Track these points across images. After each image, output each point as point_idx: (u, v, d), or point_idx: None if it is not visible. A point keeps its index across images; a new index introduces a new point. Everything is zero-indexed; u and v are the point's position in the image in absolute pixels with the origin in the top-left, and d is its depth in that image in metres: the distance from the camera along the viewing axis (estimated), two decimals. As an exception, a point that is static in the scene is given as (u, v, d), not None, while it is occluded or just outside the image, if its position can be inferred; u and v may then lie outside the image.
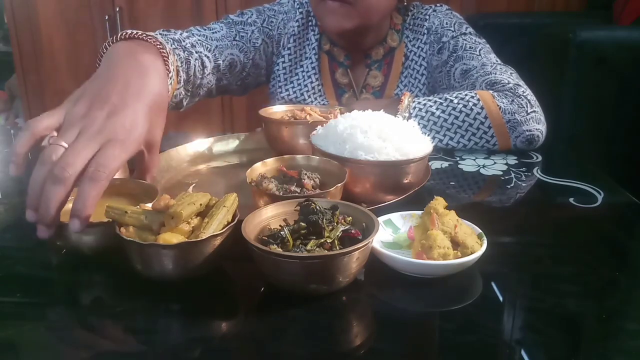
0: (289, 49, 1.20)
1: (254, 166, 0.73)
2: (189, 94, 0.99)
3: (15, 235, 0.71)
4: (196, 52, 0.99)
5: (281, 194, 0.67)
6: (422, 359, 0.50)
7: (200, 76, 1.00)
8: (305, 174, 0.71)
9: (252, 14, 1.18)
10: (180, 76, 0.92)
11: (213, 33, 1.09)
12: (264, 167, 0.74)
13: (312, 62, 1.20)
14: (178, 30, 1.03)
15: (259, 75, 1.22)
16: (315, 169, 0.73)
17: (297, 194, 0.66)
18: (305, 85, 1.21)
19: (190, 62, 0.96)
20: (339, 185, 0.67)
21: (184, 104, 1.01)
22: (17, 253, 0.67)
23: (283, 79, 1.22)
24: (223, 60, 1.08)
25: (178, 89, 0.92)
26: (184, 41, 0.99)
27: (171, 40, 0.94)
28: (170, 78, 0.80)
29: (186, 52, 0.96)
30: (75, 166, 0.57)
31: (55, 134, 0.62)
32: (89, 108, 0.62)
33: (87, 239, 0.61)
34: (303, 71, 1.21)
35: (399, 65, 1.19)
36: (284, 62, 1.21)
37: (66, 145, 0.59)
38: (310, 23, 1.21)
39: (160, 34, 0.96)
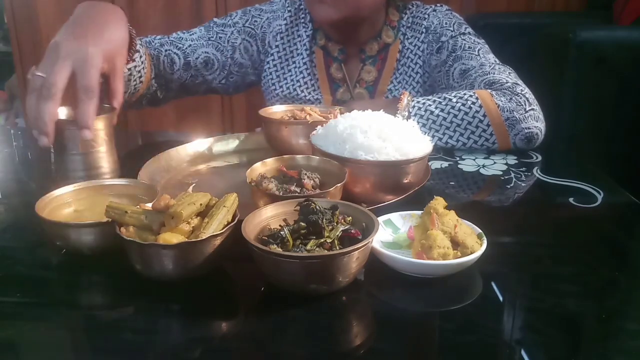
0: (277, 46, 1.23)
1: (254, 166, 0.73)
2: (163, 88, 1.14)
3: (15, 235, 0.71)
4: (165, 50, 1.12)
5: (281, 194, 0.67)
6: (422, 359, 0.50)
7: (170, 71, 1.13)
8: (305, 174, 0.71)
9: (237, 15, 1.23)
10: (152, 70, 1.05)
11: (190, 35, 1.19)
12: (264, 167, 0.74)
13: (303, 58, 1.22)
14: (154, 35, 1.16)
15: (246, 74, 1.26)
16: (315, 169, 0.73)
17: (297, 194, 0.66)
18: (298, 81, 1.23)
19: (159, 58, 1.11)
20: (339, 185, 0.67)
21: (159, 95, 1.14)
22: (17, 253, 0.67)
23: (275, 76, 1.24)
24: (196, 58, 1.17)
25: (151, 79, 1.07)
26: (153, 42, 1.12)
27: (142, 42, 1.05)
28: (143, 67, 0.98)
29: (156, 50, 1.11)
30: (57, 84, 0.72)
31: (34, 68, 0.75)
32: (57, 42, 0.76)
33: (87, 239, 0.61)
34: (295, 67, 1.23)
35: (393, 62, 1.20)
36: (274, 59, 1.24)
37: (44, 75, 0.72)
38: (301, 20, 1.23)
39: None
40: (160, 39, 1.14)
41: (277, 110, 0.97)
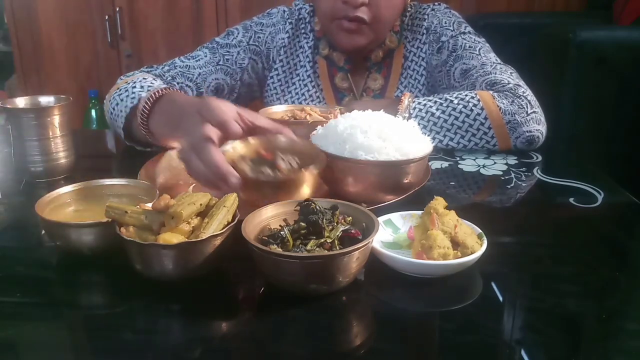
0: (280, 61, 1.20)
1: (234, 144, 0.70)
2: None
3: (15, 235, 0.71)
4: (177, 84, 1.08)
5: (255, 176, 0.65)
6: (422, 359, 0.50)
7: None
8: (281, 156, 0.69)
9: (238, 33, 1.18)
10: None
11: (197, 61, 1.14)
12: (246, 147, 0.71)
13: (307, 70, 1.20)
14: (160, 65, 1.10)
15: (252, 92, 1.23)
16: (297, 153, 0.71)
17: (270, 177, 0.65)
18: (303, 94, 1.21)
19: None
20: (312, 168, 0.66)
21: None
22: (17, 253, 0.67)
23: (280, 90, 1.22)
24: (207, 87, 1.13)
25: None
26: (164, 75, 1.07)
27: (153, 77, 1.01)
28: None
29: (168, 84, 1.06)
30: (205, 133, 0.65)
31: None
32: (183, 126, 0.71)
33: (87, 239, 0.61)
34: (300, 79, 1.21)
35: (399, 67, 1.19)
36: (278, 74, 1.21)
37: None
38: (302, 31, 1.21)
39: (143, 71, 1.07)
40: (169, 70, 1.10)
41: (277, 110, 0.97)
